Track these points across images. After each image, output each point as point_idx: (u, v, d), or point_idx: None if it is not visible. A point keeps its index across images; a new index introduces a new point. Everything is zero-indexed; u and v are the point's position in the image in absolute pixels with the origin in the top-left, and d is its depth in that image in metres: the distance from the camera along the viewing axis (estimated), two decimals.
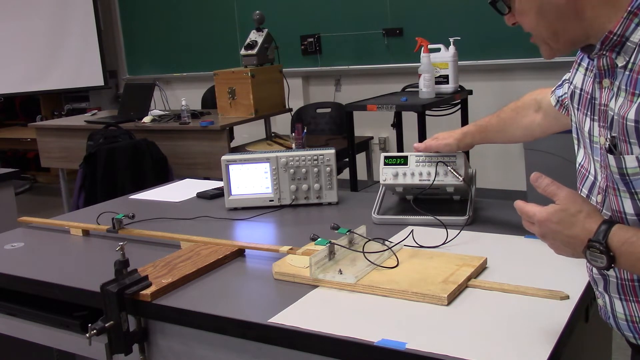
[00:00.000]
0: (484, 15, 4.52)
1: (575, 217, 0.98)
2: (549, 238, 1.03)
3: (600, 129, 1.06)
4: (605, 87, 1.04)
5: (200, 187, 2.23)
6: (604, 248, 0.94)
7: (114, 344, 1.31)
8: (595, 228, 0.96)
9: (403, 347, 1.05)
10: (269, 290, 1.36)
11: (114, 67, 6.70)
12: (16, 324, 1.57)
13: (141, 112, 4.55)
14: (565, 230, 0.99)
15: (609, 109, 1.02)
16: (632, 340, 1.10)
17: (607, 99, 1.03)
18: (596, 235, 0.96)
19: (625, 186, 1.01)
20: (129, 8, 6.42)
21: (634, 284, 1.04)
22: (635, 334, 1.07)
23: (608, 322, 1.14)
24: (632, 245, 0.94)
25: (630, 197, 1.00)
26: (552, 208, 1.00)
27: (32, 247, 1.77)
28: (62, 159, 4.78)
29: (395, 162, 1.71)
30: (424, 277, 1.29)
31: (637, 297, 1.04)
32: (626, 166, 0.98)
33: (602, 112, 1.05)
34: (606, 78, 1.04)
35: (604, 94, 1.04)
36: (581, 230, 0.98)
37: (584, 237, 0.97)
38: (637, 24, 0.96)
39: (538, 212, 1.02)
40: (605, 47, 1.01)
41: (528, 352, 1.02)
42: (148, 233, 1.72)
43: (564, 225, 0.99)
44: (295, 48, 5.32)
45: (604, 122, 1.04)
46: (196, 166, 4.14)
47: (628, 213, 1.01)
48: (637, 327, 1.06)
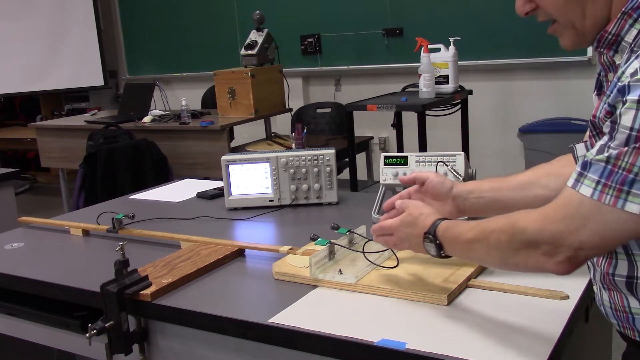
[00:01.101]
0: (484, 15, 4.53)
1: (417, 219, 1.19)
2: (405, 241, 1.22)
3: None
4: (610, 80, 1.05)
5: (200, 187, 2.23)
6: (432, 237, 1.14)
7: (114, 344, 1.31)
8: (430, 222, 1.16)
9: (403, 347, 1.05)
10: (269, 290, 1.36)
11: (114, 67, 6.70)
12: (16, 324, 1.58)
13: (141, 112, 4.54)
14: (413, 230, 1.19)
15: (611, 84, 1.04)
16: (618, 329, 1.11)
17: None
18: (429, 228, 1.15)
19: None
20: (129, 8, 6.42)
21: (609, 277, 1.05)
22: (619, 322, 1.08)
23: (600, 309, 1.14)
24: (448, 230, 1.12)
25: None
26: (402, 216, 1.22)
27: (32, 247, 1.77)
28: (62, 159, 4.78)
29: (395, 162, 1.71)
30: (424, 277, 1.30)
31: (616, 288, 1.04)
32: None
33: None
34: (611, 72, 1.05)
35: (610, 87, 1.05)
36: (422, 227, 1.17)
37: (423, 232, 1.16)
38: (630, 25, 0.97)
39: (393, 222, 1.22)
40: (602, 46, 1.02)
41: (528, 352, 1.02)
42: (148, 233, 1.72)
43: (411, 227, 1.19)
44: (295, 48, 5.32)
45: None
46: (196, 166, 4.14)
47: None
48: (620, 315, 1.06)
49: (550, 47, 4.28)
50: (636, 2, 0.96)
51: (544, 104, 4.45)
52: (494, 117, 4.65)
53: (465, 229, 1.10)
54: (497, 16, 4.47)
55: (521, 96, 4.57)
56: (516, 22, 4.39)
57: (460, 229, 1.11)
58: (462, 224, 1.12)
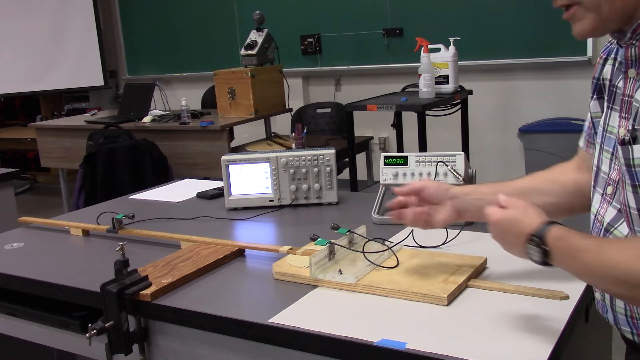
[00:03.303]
0: (484, 15, 4.53)
1: (522, 215, 1.06)
2: (499, 238, 1.11)
3: (621, 120, 1.05)
4: (630, 77, 1.03)
5: (200, 187, 2.23)
6: (540, 241, 1.01)
7: (114, 344, 1.31)
8: (537, 225, 1.03)
9: (403, 347, 1.05)
10: (269, 290, 1.36)
11: (114, 67, 6.70)
12: (16, 324, 1.57)
13: (141, 112, 4.54)
14: (513, 227, 1.07)
15: (634, 101, 1.01)
16: (629, 336, 1.10)
17: (632, 90, 1.02)
18: (536, 231, 1.02)
19: (630, 179, 1.00)
20: (129, 8, 6.41)
21: None
22: (634, 329, 1.07)
23: (605, 316, 1.14)
24: (564, 241, 1.00)
25: (633, 191, 1.00)
26: (506, 209, 1.09)
27: (32, 247, 1.77)
28: (62, 159, 4.78)
29: (395, 162, 1.71)
30: (424, 277, 1.29)
31: None
32: (633, 157, 0.98)
33: (625, 102, 1.04)
34: (632, 68, 1.03)
35: (629, 84, 1.03)
36: (526, 226, 1.04)
37: (527, 233, 1.03)
38: None
39: (492, 214, 1.10)
40: (636, 37, 0.99)
41: (528, 352, 1.02)
42: (148, 233, 1.72)
43: (513, 223, 1.07)
44: (295, 48, 5.32)
45: (626, 113, 1.04)
46: (196, 166, 4.14)
47: (632, 207, 1.01)
48: (637, 323, 1.06)
49: (550, 47, 4.29)
50: None
51: (543, 104, 4.45)
52: (494, 117, 4.65)
53: (583, 247, 0.98)
54: (497, 16, 4.47)
55: (521, 96, 4.57)
56: (516, 22, 4.41)
57: (578, 244, 0.99)
58: (577, 237, 1.00)
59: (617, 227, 1.06)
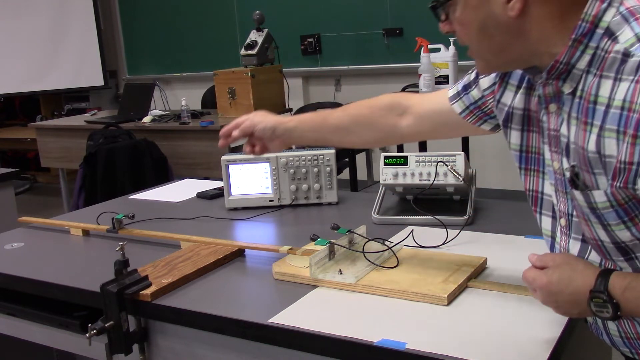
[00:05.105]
0: None
1: (573, 272, 0.99)
2: (552, 301, 1.02)
3: (553, 154, 1.05)
4: (552, 112, 1.03)
5: (200, 187, 2.23)
6: (607, 297, 0.93)
7: (114, 344, 1.31)
8: (594, 279, 0.95)
9: (403, 347, 1.05)
10: (269, 290, 1.36)
11: (114, 67, 6.70)
12: (16, 324, 1.57)
13: (141, 112, 4.54)
14: (566, 288, 0.99)
15: (560, 135, 1.01)
16: (630, 355, 1.09)
17: (557, 124, 1.02)
18: (597, 286, 0.95)
19: (597, 219, 0.97)
20: (129, 8, 6.42)
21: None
22: (633, 350, 1.06)
23: (601, 339, 1.12)
24: (633, 290, 0.93)
25: (604, 229, 0.97)
26: (550, 269, 1.01)
27: (32, 247, 1.77)
28: (62, 159, 4.78)
29: (395, 162, 1.71)
30: (424, 277, 1.29)
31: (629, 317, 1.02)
32: (595, 201, 0.95)
33: (552, 136, 1.04)
34: (552, 103, 1.03)
35: (552, 118, 1.04)
36: (582, 283, 0.97)
37: (585, 289, 0.96)
38: (582, 51, 0.94)
39: (538, 278, 1.01)
40: (552, 76, 0.98)
41: (528, 352, 1.02)
42: (148, 233, 1.72)
43: (564, 283, 0.99)
44: (295, 48, 5.32)
45: (555, 147, 1.04)
46: (196, 166, 4.14)
47: (604, 241, 0.99)
48: (634, 343, 1.05)
49: None
50: (584, 28, 0.93)
51: None
52: None
53: None
54: None
55: None
56: None
57: None
58: None
59: (587, 257, 1.05)
